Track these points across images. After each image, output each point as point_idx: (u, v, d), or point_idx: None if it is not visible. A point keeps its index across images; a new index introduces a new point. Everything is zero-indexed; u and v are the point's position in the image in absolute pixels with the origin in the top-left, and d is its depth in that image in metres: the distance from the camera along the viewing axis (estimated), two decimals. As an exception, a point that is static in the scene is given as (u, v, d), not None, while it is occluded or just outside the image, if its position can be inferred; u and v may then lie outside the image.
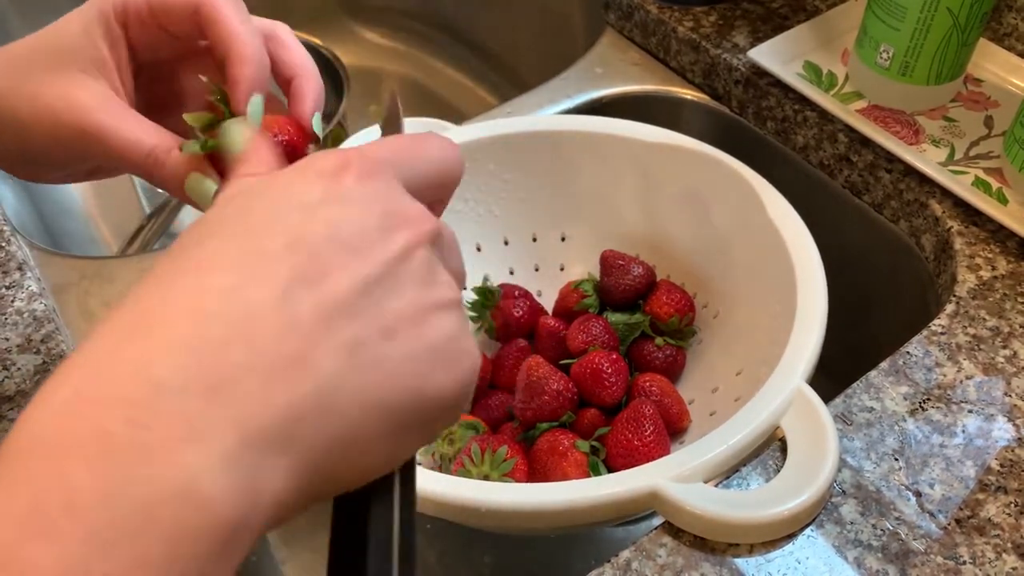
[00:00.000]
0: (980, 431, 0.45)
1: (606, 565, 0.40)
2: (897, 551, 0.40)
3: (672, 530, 0.41)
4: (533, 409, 0.51)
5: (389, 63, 1.06)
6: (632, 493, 0.40)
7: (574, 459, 0.49)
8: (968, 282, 0.53)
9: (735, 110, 0.70)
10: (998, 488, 0.43)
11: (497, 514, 0.40)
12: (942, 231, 0.57)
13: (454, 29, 1.03)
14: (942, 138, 0.61)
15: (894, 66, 0.61)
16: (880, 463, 0.44)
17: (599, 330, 0.55)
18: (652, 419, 0.49)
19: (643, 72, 0.74)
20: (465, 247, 0.61)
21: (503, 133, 0.59)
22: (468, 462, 0.49)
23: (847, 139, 0.62)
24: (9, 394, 0.48)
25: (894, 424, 0.46)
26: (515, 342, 0.58)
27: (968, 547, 0.41)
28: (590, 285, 0.58)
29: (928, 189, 0.58)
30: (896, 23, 0.59)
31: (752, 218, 0.53)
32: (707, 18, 0.73)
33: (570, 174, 0.60)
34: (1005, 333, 0.50)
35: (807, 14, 0.72)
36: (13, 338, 0.50)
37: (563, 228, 0.62)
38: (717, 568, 0.40)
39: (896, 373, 0.48)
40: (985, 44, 0.67)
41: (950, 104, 0.64)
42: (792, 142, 0.67)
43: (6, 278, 0.54)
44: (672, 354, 0.56)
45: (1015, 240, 0.55)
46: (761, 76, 0.67)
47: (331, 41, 0.88)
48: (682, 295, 0.57)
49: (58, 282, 0.57)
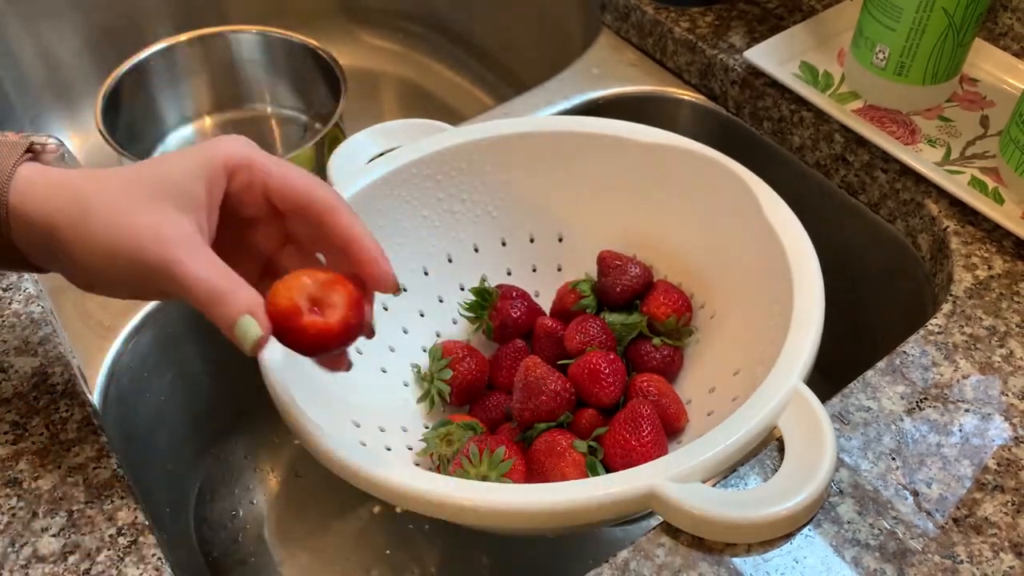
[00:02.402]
0: (977, 430, 0.45)
1: (604, 565, 0.40)
2: (894, 550, 0.41)
3: (670, 530, 0.41)
4: (531, 409, 0.52)
5: (386, 65, 1.06)
6: (630, 493, 0.40)
7: (572, 459, 0.49)
8: (964, 281, 0.53)
9: (731, 110, 0.70)
10: (995, 487, 0.43)
11: (495, 514, 0.40)
12: (938, 231, 0.57)
13: (451, 31, 1.03)
14: (938, 138, 0.61)
15: (890, 66, 0.61)
16: (877, 462, 0.44)
17: (596, 330, 0.55)
18: (650, 419, 0.49)
19: (639, 73, 0.75)
20: (463, 248, 0.61)
21: (500, 134, 0.59)
22: (466, 463, 0.49)
23: (843, 139, 0.62)
24: (7, 396, 0.48)
25: (891, 423, 0.46)
26: (513, 342, 0.58)
27: (965, 546, 0.41)
28: (587, 286, 0.59)
29: (924, 189, 0.59)
30: (892, 23, 0.59)
31: (749, 218, 0.53)
32: (703, 19, 0.73)
33: (567, 175, 0.60)
34: (1001, 332, 0.50)
35: (803, 14, 0.73)
36: (10, 340, 0.50)
37: (560, 229, 0.62)
38: (715, 568, 0.40)
39: (893, 373, 0.48)
40: (981, 44, 0.67)
41: (946, 104, 0.64)
42: (788, 142, 0.67)
43: (4, 280, 0.54)
44: (669, 354, 0.56)
45: (1011, 239, 0.55)
46: (757, 76, 0.67)
47: (328, 43, 0.88)
48: (679, 295, 0.57)
49: (56, 284, 0.57)
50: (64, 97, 0.95)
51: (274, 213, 0.42)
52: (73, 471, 0.45)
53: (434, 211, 0.59)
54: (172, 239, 0.36)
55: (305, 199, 0.40)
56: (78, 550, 0.41)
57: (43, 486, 0.44)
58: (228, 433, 0.71)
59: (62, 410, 0.47)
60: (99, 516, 0.43)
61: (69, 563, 0.41)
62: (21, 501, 0.43)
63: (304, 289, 0.37)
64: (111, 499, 0.43)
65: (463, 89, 1.02)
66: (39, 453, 0.45)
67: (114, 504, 0.43)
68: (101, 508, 0.43)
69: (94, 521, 0.43)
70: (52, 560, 0.41)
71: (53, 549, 0.41)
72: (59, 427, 0.46)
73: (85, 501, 0.43)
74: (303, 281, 0.37)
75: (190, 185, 0.38)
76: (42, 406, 0.47)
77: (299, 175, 0.40)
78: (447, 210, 0.59)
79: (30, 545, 0.42)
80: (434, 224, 0.59)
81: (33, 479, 0.44)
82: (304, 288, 0.37)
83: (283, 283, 0.37)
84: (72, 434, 0.46)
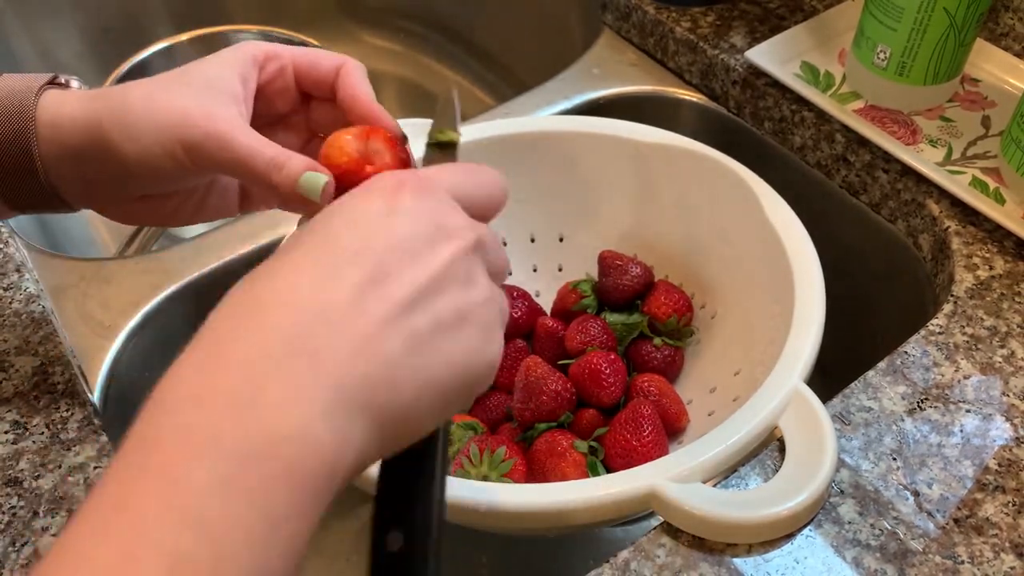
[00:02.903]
0: (978, 431, 0.45)
1: (605, 565, 0.40)
2: (895, 551, 0.40)
3: (671, 530, 0.41)
4: (531, 409, 0.51)
5: (387, 64, 1.06)
6: (631, 493, 0.40)
7: (573, 459, 0.49)
8: (965, 282, 0.53)
9: (732, 110, 0.70)
10: (996, 487, 0.43)
11: (496, 514, 0.40)
12: (939, 231, 0.57)
13: (452, 30, 1.03)
14: (939, 138, 0.61)
15: (891, 66, 0.61)
16: (878, 463, 0.44)
17: (597, 330, 0.55)
18: (650, 419, 0.49)
19: (640, 73, 0.75)
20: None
21: (501, 134, 0.59)
22: (467, 463, 0.49)
23: (844, 139, 0.62)
24: (8, 396, 0.48)
25: (892, 424, 0.46)
26: (514, 343, 0.58)
27: (966, 546, 0.41)
28: (588, 286, 0.59)
29: (925, 189, 0.58)
30: (893, 23, 0.59)
31: (750, 218, 0.53)
32: (704, 18, 0.73)
33: (568, 175, 0.60)
34: (1002, 333, 0.50)
35: (804, 14, 0.72)
36: (11, 339, 0.50)
37: (561, 229, 0.62)
38: (716, 568, 0.40)
39: (894, 373, 0.48)
40: (982, 44, 0.67)
41: (947, 104, 0.64)
42: (790, 142, 0.67)
43: (4, 279, 0.54)
44: (670, 354, 0.56)
45: (1012, 240, 0.55)
46: (758, 76, 0.67)
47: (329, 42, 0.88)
48: (680, 295, 0.57)
49: (56, 283, 0.57)
50: (65, 97, 0.95)
51: (300, 107, 0.43)
52: (74, 471, 0.45)
53: (435, 211, 0.59)
54: (223, 116, 0.37)
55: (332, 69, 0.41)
56: (78, 550, 0.41)
57: (44, 485, 0.44)
58: (228, 433, 0.71)
59: (63, 409, 0.47)
60: (99, 516, 0.43)
61: (69, 563, 0.41)
62: (22, 500, 0.43)
63: (350, 144, 0.38)
64: (111, 499, 0.43)
65: (463, 89, 1.02)
66: (40, 452, 0.45)
67: (114, 504, 0.43)
68: (101, 508, 0.43)
69: (94, 521, 0.43)
70: (52, 560, 0.41)
71: (53, 549, 0.41)
72: (60, 426, 0.46)
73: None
74: (345, 138, 0.38)
75: (226, 80, 0.39)
76: (43, 405, 0.47)
77: (325, 53, 0.42)
78: (448, 210, 0.59)
79: (31, 544, 0.42)
80: (435, 224, 0.59)
81: (34, 478, 0.44)
82: (350, 143, 0.38)
83: (331, 146, 0.38)
84: (73, 433, 0.46)
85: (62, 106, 0.39)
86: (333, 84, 0.41)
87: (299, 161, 0.37)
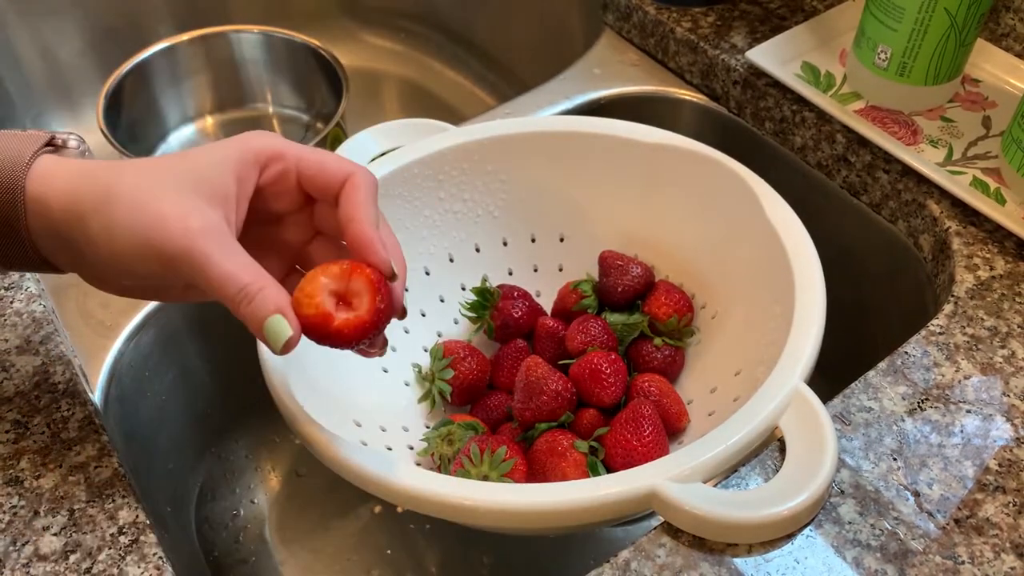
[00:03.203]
0: (978, 431, 0.45)
1: (605, 565, 0.40)
2: (896, 551, 0.40)
3: (671, 530, 0.41)
4: (532, 409, 0.52)
5: (388, 64, 1.06)
6: (631, 493, 0.40)
7: (573, 459, 0.49)
8: (966, 282, 0.53)
9: (733, 111, 0.70)
10: (996, 488, 0.43)
11: (496, 514, 0.40)
12: (940, 231, 0.57)
13: (453, 30, 1.03)
14: (940, 138, 0.61)
15: (892, 67, 0.61)
16: (879, 463, 0.44)
17: (598, 330, 0.55)
18: (651, 419, 0.49)
19: (641, 73, 0.75)
20: (464, 248, 0.61)
21: (502, 134, 0.59)
22: (467, 462, 0.49)
23: (845, 139, 0.62)
24: (8, 395, 0.48)
25: (892, 424, 0.46)
26: (514, 342, 0.58)
27: (966, 547, 0.41)
28: (589, 285, 0.59)
29: (926, 189, 0.58)
30: (894, 24, 0.59)
31: (750, 218, 0.53)
32: (705, 19, 0.73)
33: (569, 175, 0.60)
34: (1003, 333, 0.50)
35: (805, 15, 0.73)
36: (12, 339, 0.51)
37: (562, 229, 0.62)
38: (716, 568, 0.40)
39: (894, 373, 0.48)
40: (983, 44, 0.67)
41: (948, 104, 0.64)
42: (790, 143, 0.67)
43: (5, 279, 0.54)
44: (671, 354, 0.56)
45: (1013, 240, 0.55)
46: (759, 77, 0.67)
47: (330, 42, 0.88)
48: (681, 296, 0.57)
49: (57, 283, 0.57)
50: (66, 97, 0.95)
51: (304, 206, 0.41)
52: (74, 470, 0.45)
53: (435, 211, 0.59)
54: (200, 229, 0.35)
55: (339, 177, 0.39)
56: (79, 549, 0.41)
57: (44, 485, 0.44)
58: (229, 432, 0.71)
59: (63, 409, 0.47)
60: (100, 515, 0.43)
61: (70, 562, 0.41)
62: (22, 500, 0.43)
63: (324, 289, 0.37)
64: (112, 498, 0.43)
65: (464, 89, 1.02)
66: (40, 452, 0.45)
67: (115, 503, 0.43)
68: (102, 507, 0.43)
69: (95, 520, 0.43)
70: (53, 559, 0.41)
71: (54, 548, 0.42)
72: (60, 426, 0.46)
73: (86, 500, 0.43)
74: (321, 281, 0.37)
75: (219, 178, 0.37)
76: (43, 405, 0.47)
77: (334, 158, 0.40)
78: (448, 210, 0.59)
79: (31, 544, 0.42)
80: (435, 224, 0.59)
81: (34, 478, 0.44)
82: (324, 288, 0.37)
83: (302, 291, 0.37)
84: (73, 433, 0.46)
85: (53, 179, 0.37)
86: (338, 193, 0.39)
87: (270, 300, 0.35)
